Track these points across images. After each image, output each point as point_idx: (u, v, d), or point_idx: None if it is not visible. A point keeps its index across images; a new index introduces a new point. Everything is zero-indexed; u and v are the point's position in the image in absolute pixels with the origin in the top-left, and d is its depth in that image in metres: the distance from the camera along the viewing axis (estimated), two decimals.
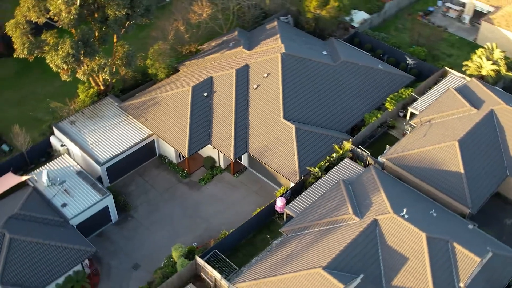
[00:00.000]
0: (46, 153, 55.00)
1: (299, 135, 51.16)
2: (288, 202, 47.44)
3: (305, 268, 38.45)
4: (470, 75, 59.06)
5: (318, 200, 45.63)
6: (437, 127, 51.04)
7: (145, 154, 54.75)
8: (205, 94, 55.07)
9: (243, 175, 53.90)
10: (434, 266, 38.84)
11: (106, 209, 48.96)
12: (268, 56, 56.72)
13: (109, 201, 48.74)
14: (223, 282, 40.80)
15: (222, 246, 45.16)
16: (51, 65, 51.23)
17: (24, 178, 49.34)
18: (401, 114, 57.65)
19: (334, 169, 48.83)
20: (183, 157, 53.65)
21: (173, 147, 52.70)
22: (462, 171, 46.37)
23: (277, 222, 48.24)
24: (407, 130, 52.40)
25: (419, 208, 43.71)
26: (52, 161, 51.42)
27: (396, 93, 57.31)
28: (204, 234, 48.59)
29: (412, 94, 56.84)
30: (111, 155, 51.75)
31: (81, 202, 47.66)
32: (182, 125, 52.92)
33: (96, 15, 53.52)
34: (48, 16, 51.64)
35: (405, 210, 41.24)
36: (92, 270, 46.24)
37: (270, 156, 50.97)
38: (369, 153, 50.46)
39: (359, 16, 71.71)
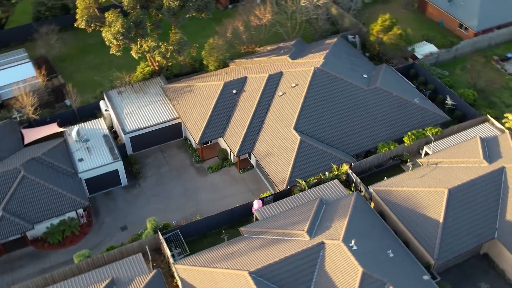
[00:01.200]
0: (94, 114, 59.70)
1: (302, 147, 50.04)
2: None
3: (235, 268, 38.12)
4: (509, 129, 52.96)
5: (287, 211, 44.51)
6: (440, 171, 46.84)
7: (171, 134, 57.09)
8: (234, 91, 55.91)
9: (248, 173, 54.05)
10: None
11: (116, 172, 52.21)
12: (303, 67, 55.87)
13: (119, 166, 51.88)
14: (171, 260, 41.87)
15: (190, 229, 46.16)
16: (104, 39, 55.46)
17: (61, 129, 54.42)
18: (421, 152, 53.54)
19: (319, 186, 47.12)
20: (203, 143, 55.21)
21: (189, 133, 54.39)
22: (441, 220, 42.22)
23: (251, 221, 47.85)
24: (409, 168, 48.65)
25: (378, 245, 40.82)
26: (89, 121, 55.91)
27: (420, 130, 53.34)
28: (189, 216, 49.75)
29: (428, 133, 52.44)
30: (137, 127, 54.89)
31: (94, 161, 51.39)
32: (203, 115, 54.41)
33: (156, 2, 56.62)
34: None
35: (353, 241, 38.83)
36: (86, 221, 49.84)
37: (269, 160, 50.62)
38: (359, 179, 47.98)
39: (426, 49, 67.27)
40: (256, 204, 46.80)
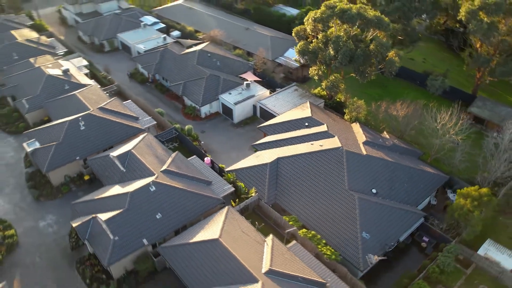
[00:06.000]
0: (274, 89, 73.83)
1: (261, 167, 52.68)
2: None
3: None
4: None
5: (191, 169, 52.41)
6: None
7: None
8: (306, 124, 58.83)
9: None
10: None
11: (231, 111, 68.29)
12: (338, 144, 52.65)
13: (234, 108, 67.51)
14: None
15: (186, 142, 61.01)
16: None
17: (250, 81, 72.60)
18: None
19: (226, 185, 51.19)
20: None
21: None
22: None
23: None
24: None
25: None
26: (260, 87, 71.27)
27: (338, 254, 44.60)
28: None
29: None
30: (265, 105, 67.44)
31: (229, 98, 68.63)
32: (280, 119, 61.10)
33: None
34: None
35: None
36: (203, 117, 69.67)
37: (252, 156, 55.76)
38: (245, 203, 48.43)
39: (499, 256, 45.04)
40: (206, 160, 55.88)
